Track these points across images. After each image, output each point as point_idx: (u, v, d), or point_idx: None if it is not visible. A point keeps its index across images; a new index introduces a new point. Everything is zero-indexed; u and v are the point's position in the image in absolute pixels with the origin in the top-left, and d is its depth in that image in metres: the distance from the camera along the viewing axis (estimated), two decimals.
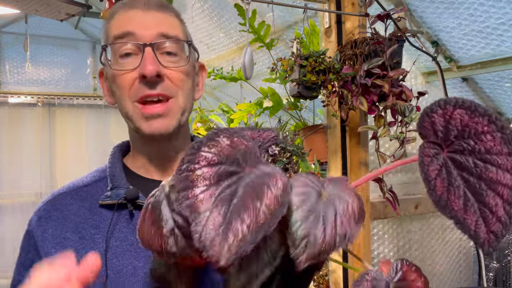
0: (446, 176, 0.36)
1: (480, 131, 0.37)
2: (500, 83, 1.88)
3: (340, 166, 1.52)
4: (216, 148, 0.39)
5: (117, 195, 0.77)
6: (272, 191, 0.35)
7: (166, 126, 0.75)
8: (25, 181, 4.04)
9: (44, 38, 4.19)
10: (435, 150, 0.38)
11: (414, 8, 1.68)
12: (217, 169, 0.37)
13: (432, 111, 0.38)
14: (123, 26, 0.76)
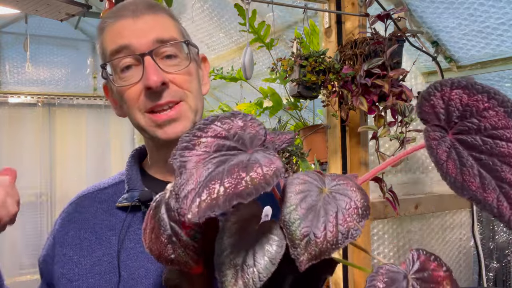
0: (457, 157, 0.35)
1: (481, 108, 0.36)
2: (500, 83, 1.88)
3: (340, 166, 1.52)
4: (227, 125, 0.39)
5: (132, 197, 0.78)
6: (263, 169, 0.35)
7: (181, 129, 0.75)
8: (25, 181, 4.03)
9: (44, 38, 4.19)
10: (440, 133, 0.37)
11: (414, 8, 1.68)
12: (221, 142, 0.38)
13: (430, 94, 0.37)
14: (116, 40, 0.74)
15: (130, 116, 0.78)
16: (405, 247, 1.82)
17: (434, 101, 0.37)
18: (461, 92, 0.36)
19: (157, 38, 0.74)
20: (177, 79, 0.75)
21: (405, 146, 1.35)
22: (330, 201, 0.36)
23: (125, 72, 0.74)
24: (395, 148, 1.45)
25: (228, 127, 0.39)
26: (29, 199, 4.06)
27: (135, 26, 0.74)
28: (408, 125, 1.36)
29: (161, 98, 0.73)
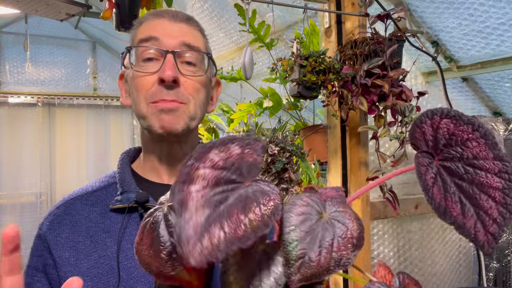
0: (441, 183, 0.38)
1: (465, 138, 0.39)
2: (500, 83, 1.88)
3: (340, 166, 1.52)
4: (225, 153, 0.39)
5: (128, 199, 0.79)
6: (260, 209, 0.36)
7: (175, 123, 0.78)
8: (25, 181, 4.04)
9: (44, 38, 4.20)
10: (428, 159, 0.39)
11: (414, 8, 1.68)
12: (218, 173, 0.38)
13: (422, 122, 0.40)
14: (149, 31, 0.81)
15: (135, 104, 0.81)
16: (405, 247, 1.82)
17: (425, 129, 0.40)
18: (449, 121, 0.40)
19: (185, 42, 0.81)
20: (188, 84, 0.80)
21: (405, 146, 1.35)
22: (328, 227, 0.38)
23: (146, 62, 0.80)
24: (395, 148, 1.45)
25: (226, 156, 0.39)
26: (29, 199, 4.06)
27: (170, 27, 0.81)
28: (408, 125, 1.36)
29: (169, 95, 0.78)
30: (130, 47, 0.83)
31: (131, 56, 0.82)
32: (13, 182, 3.99)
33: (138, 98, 0.80)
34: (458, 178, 0.38)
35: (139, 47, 0.80)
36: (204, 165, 0.38)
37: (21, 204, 4.02)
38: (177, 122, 0.79)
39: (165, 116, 0.78)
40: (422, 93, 1.38)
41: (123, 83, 0.88)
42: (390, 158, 1.50)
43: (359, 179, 1.52)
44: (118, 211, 0.80)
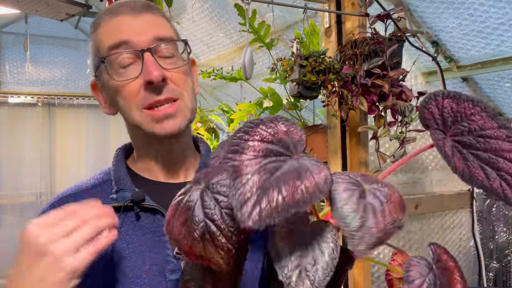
0: (460, 154, 0.42)
1: (469, 113, 0.43)
2: (500, 83, 1.88)
3: (340, 166, 1.52)
4: (272, 129, 0.41)
5: (123, 197, 0.77)
6: (314, 177, 0.37)
7: (178, 125, 0.75)
8: (25, 181, 4.04)
9: (44, 38, 4.20)
10: (442, 135, 0.43)
11: (414, 8, 1.68)
12: (268, 146, 0.40)
13: (428, 103, 0.44)
14: (115, 35, 0.74)
15: (126, 113, 0.77)
16: (405, 247, 1.82)
17: (432, 109, 0.44)
18: (451, 101, 0.43)
19: (157, 36, 0.75)
20: (175, 77, 0.76)
21: (405, 146, 1.35)
22: (373, 196, 0.40)
23: (123, 68, 0.74)
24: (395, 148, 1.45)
25: (273, 132, 0.41)
26: (29, 199, 4.06)
27: (135, 23, 0.75)
28: (408, 125, 1.36)
29: (161, 94, 0.74)
30: (103, 57, 0.75)
31: (106, 65, 0.75)
32: (13, 182, 3.99)
33: (127, 106, 0.75)
34: (473, 148, 0.42)
35: (111, 55, 0.74)
36: (253, 138, 0.40)
37: (21, 204, 4.02)
38: (179, 123, 0.76)
39: (166, 123, 0.74)
40: (422, 93, 1.38)
41: (98, 93, 0.82)
42: (390, 158, 1.50)
43: None
44: (114, 209, 0.76)
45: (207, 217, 0.42)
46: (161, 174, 0.82)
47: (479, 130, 0.42)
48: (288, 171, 0.38)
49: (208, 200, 0.43)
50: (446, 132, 0.43)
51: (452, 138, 0.43)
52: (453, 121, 0.43)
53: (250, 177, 0.37)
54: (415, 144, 1.83)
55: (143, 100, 0.74)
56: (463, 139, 0.42)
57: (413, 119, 1.36)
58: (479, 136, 0.42)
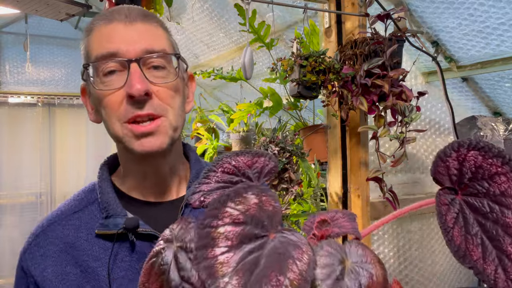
0: (463, 223, 0.36)
1: (494, 172, 0.36)
2: (500, 83, 1.88)
3: (340, 166, 1.52)
4: (243, 206, 0.37)
5: (115, 224, 0.73)
6: (297, 265, 0.34)
7: (158, 144, 0.71)
8: (25, 181, 4.04)
9: (44, 38, 4.20)
10: (451, 196, 0.37)
11: (414, 8, 1.68)
12: (241, 230, 0.35)
13: (446, 155, 0.37)
14: (105, 44, 0.71)
15: (107, 124, 0.73)
16: (405, 247, 1.82)
17: (450, 162, 0.37)
18: (477, 153, 0.36)
19: (148, 47, 0.71)
20: (161, 93, 0.72)
21: (405, 146, 1.35)
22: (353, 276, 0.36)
23: (108, 76, 0.70)
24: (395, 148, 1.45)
25: (244, 209, 0.36)
26: (29, 199, 4.06)
27: (126, 32, 0.71)
28: (408, 125, 1.36)
29: (143, 109, 0.69)
30: (87, 64, 0.72)
31: (90, 72, 0.72)
32: (13, 182, 3.99)
33: (108, 118, 0.72)
34: (482, 216, 0.35)
35: (97, 62, 0.71)
36: (223, 222, 0.36)
37: (21, 204, 4.02)
38: (160, 142, 0.71)
39: (144, 140, 0.70)
40: (422, 93, 1.38)
41: (86, 98, 0.79)
42: (390, 158, 1.50)
43: (359, 179, 1.52)
44: (106, 236, 0.73)
45: (185, 280, 0.39)
46: (151, 194, 0.78)
47: (499, 195, 0.35)
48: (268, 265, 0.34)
49: (183, 262, 0.40)
50: (459, 191, 0.37)
51: (464, 198, 0.36)
52: (472, 177, 0.36)
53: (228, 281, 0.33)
54: (415, 144, 1.83)
55: (125, 113, 0.70)
56: (475, 201, 0.36)
57: (413, 119, 1.36)
58: (495, 203, 0.35)
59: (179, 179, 0.81)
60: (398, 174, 1.79)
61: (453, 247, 0.35)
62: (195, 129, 2.67)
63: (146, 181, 0.77)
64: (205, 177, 0.43)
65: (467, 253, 0.35)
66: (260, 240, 0.35)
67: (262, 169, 0.44)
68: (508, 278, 0.34)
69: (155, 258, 0.42)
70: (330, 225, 0.41)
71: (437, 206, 0.36)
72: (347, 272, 0.36)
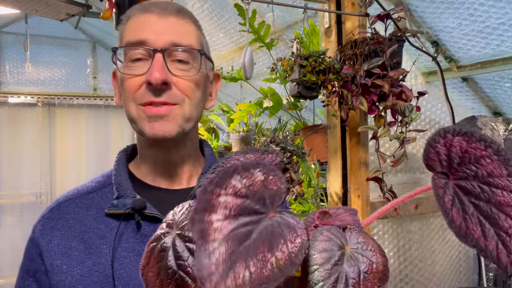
0: (460, 204, 0.37)
1: (479, 155, 0.38)
2: (500, 83, 1.88)
3: (340, 166, 1.52)
4: (247, 180, 0.37)
5: (124, 204, 0.75)
6: (288, 246, 0.34)
7: (168, 129, 0.74)
8: (25, 181, 4.04)
9: (44, 38, 4.20)
10: (444, 180, 0.38)
11: (414, 8, 1.68)
12: (241, 202, 0.36)
13: (435, 141, 0.39)
14: (137, 32, 0.75)
15: (125, 106, 0.77)
16: (405, 247, 1.82)
17: (439, 148, 0.39)
18: (461, 139, 0.38)
19: (174, 42, 0.75)
20: (181, 84, 0.75)
21: (405, 146, 1.35)
22: (352, 262, 0.36)
23: (134, 62, 0.75)
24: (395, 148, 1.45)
25: (249, 183, 0.37)
26: (29, 199, 4.06)
27: (158, 24, 0.75)
28: (408, 125, 1.36)
29: (159, 97, 0.73)
30: (116, 48, 0.78)
31: (119, 56, 0.77)
32: (13, 182, 3.99)
33: (127, 100, 0.76)
34: (475, 197, 0.37)
35: (126, 47, 0.76)
36: (226, 192, 0.36)
37: (21, 204, 4.01)
38: (170, 128, 0.74)
39: (155, 123, 0.74)
40: (422, 93, 1.38)
41: (116, 82, 0.83)
42: (390, 158, 1.50)
43: (359, 179, 1.52)
44: (114, 216, 0.76)
45: (181, 269, 0.40)
46: (162, 180, 0.81)
47: (486, 176, 0.37)
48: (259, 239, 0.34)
49: (180, 250, 0.41)
50: (450, 175, 0.38)
51: (455, 182, 0.38)
52: (460, 162, 0.38)
53: (217, 247, 0.34)
54: (415, 144, 1.83)
55: (141, 97, 0.74)
56: (466, 184, 0.38)
57: (413, 119, 1.36)
58: (485, 184, 0.37)
59: (191, 170, 0.83)
60: (398, 174, 1.79)
61: (454, 228, 0.36)
62: None
63: (157, 167, 0.81)
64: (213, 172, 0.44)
65: (468, 232, 0.36)
66: (258, 215, 0.36)
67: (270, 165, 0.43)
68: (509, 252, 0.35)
69: (156, 243, 0.43)
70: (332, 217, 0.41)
71: (434, 189, 0.38)
72: (346, 258, 0.36)
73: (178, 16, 0.77)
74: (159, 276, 0.41)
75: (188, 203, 0.43)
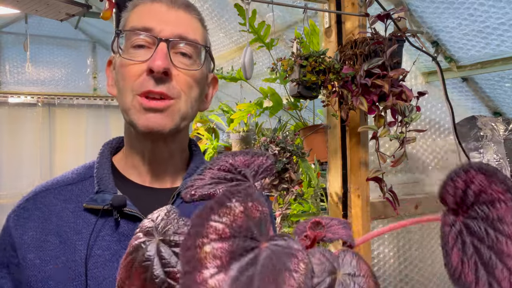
0: (461, 245, 0.36)
1: (495, 198, 0.36)
2: (500, 83, 1.88)
3: (340, 166, 1.52)
4: (228, 217, 0.33)
5: (103, 200, 0.72)
6: (295, 278, 0.31)
7: (163, 123, 0.72)
8: (25, 181, 4.04)
9: (44, 38, 4.20)
10: (453, 217, 0.37)
11: (414, 8, 1.68)
12: (230, 245, 0.32)
13: (457, 175, 0.37)
14: (143, 20, 0.74)
15: (121, 94, 0.75)
16: (405, 247, 1.82)
17: (458, 183, 0.37)
18: (483, 177, 0.37)
19: (180, 34, 0.74)
20: (181, 77, 0.73)
21: (405, 146, 1.35)
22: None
23: (136, 49, 0.73)
24: (395, 148, 1.45)
25: (230, 220, 0.33)
26: None
27: (167, 14, 0.74)
28: (408, 125, 1.36)
29: (158, 86, 0.71)
30: (120, 30, 0.75)
31: (120, 39, 0.75)
32: (13, 182, 3.99)
33: (123, 87, 0.73)
34: (478, 240, 0.36)
35: (130, 31, 0.74)
36: (209, 239, 0.32)
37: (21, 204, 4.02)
38: (165, 123, 0.72)
39: (151, 116, 0.71)
40: (422, 93, 1.38)
41: (111, 70, 0.80)
42: (390, 158, 1.50)
43: (359, 179, 1.52)
44: (93, 211, 0.73)
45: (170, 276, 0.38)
46: (147, 177, 0.79)
47: (496, 220, 0.36)
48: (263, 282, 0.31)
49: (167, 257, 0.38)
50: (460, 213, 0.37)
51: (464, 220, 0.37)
52: (474, 201, 0.37)
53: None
54: (415, 144, 1.83)
55: (140, 85, 0.72)
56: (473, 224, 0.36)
57: (413, 119, 1.36)
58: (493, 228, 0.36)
59: (177, 169, 0.81)
60: (398, 174, 1.79)
61: (450, 268, 0.35)
62: (195, 129, 2.67)
63: (144, 162, 0.78)
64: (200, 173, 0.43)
65: (462, 276, 0.35)
66: (252, 253, 0.33)
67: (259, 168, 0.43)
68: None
69: (135, 254, 0.40)
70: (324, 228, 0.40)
71: (441, 226, 0.37)
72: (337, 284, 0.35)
73: (186, 10, 0.77)
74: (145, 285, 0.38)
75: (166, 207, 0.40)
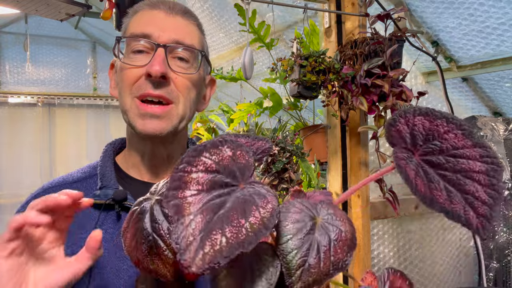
0: (424, 174, 0.39)
1: (442, 131, 0.40)
2: (500, 83, 1.88)
3: (340, 166, 1.52)
4: (217, 156, 0.39)
5: (106, 194, 0.76)
6: (260, 212, 0.36)
7: (160, 129, 0.75)
8: (25, 181, 4.04)
9: (44, 38, 4.20)
10: (407, 154, 0.40)
11: (414, 8, 1.68)
12: (213, 177, 0.38)
13: (396, 121, 0.41)
14: (143, 27, 0.77)
15: (120, 97, 0.78)
16: (405, 247, 1.82)
17: (400, 127, 0.41)
18: (423, 118, 0.41)
19: (177, 40, 0.77)
20: (179, 80, 0.77)
21: None
22: (323, 231, 0.38)
23: (136, 54, 0.76)
24: None
25: (218, 159, 0.39)
26: None
27: (165, 21, 0.78)
28: None
29: (156, 90, 0.74)
30: (120, 37, 0.79)
31: (122, 45, 0.79)
32: (13, 182, 3.99)
33: (123, 90, 0.77)
34: (441, 168, 0.39)
35: (130, 38, 0.77)
36: (197, 169, 0.38)
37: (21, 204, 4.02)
38: (163, 127, 0.75)
39: (148, 122, 0.75)
40: (422, 93, 1.38)
41: (113, 72, 0.85)
42: (390, 158, 1.50)
43: (359, 179, 1.52)
44: (96, 206, 0.76)
45: (155, 231, 0.42)
46: (146, 174, 0.82)
47: (451, 149, 0.39)
48: (232, 207, 0.36)
49: (157, 214, 0.42)
50: (415, 152, 0.40)
51: (421, 157, 0.40)
52: (425, 139, 0.40)
53: (193, 218, 0.35)
54: None
55: (138, 88, 0.75)
56: (432, 158, 0.39)
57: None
58: (451, 156, 0.39)
59: None
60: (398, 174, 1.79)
61: (419, 195, 0.38)
62: (195, 129, 2.67)
63: (143, 160, 0.82)
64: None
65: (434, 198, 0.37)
66: (230, 188, 0.38)
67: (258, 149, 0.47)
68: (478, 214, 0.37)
69: (137, 207, 0.45)
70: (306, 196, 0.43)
71: (395, 161, 0.40)
72: (317, 228, 0.38)
73: (184, 16, 0.80)
74: (135, 237, 0.43)
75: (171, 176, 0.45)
